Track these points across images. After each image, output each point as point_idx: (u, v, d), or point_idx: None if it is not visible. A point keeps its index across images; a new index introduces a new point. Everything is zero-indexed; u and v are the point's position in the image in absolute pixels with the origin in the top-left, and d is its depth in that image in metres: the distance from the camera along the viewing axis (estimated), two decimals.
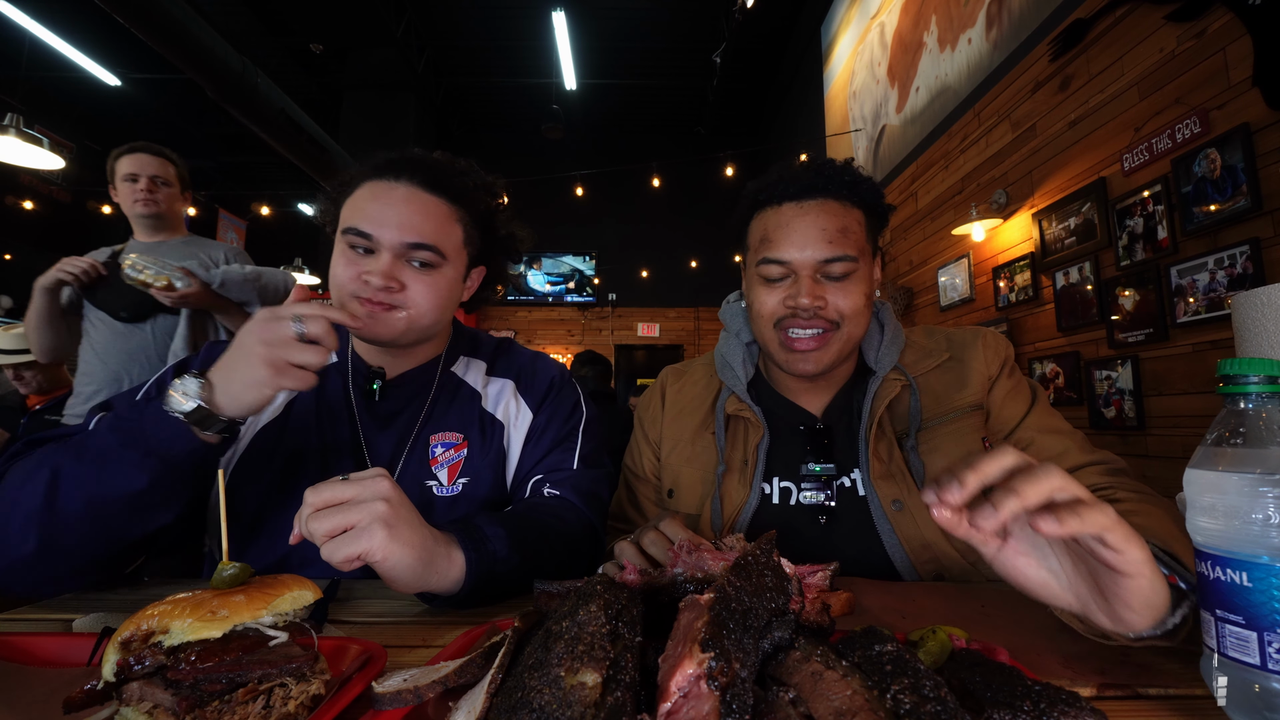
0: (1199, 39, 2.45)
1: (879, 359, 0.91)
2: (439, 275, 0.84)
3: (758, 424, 0.92)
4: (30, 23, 5.69)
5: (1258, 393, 0.41)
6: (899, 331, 0.95)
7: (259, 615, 0.42)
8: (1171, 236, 2.57)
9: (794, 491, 0.90)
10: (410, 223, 0.81)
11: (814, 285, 0.84)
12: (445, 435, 0.89)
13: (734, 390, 0.96)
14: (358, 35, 7.75)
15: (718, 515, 0.90)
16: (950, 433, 0.87)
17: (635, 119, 10.01)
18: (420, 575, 0.57)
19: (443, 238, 0.84)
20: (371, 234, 0.79)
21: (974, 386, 0.89)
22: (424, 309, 0.83)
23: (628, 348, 9.73)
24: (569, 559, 0.76)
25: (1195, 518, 0.43)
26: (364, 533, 0.53)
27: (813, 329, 0.85)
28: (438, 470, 0.87)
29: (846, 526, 0.87)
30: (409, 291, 0.81)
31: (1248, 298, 0.79)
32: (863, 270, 0.86)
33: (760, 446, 0.91)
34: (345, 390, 0.89)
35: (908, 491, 0.85)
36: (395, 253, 0.80)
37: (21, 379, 2.74)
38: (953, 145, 4.33)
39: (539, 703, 0.31)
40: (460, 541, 0.63)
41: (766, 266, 0.86)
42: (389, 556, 0.54)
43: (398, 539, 0.54)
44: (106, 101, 8.11)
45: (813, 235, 0.83)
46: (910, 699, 0.32)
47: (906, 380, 0.90)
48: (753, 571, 0.41)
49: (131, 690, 0.38)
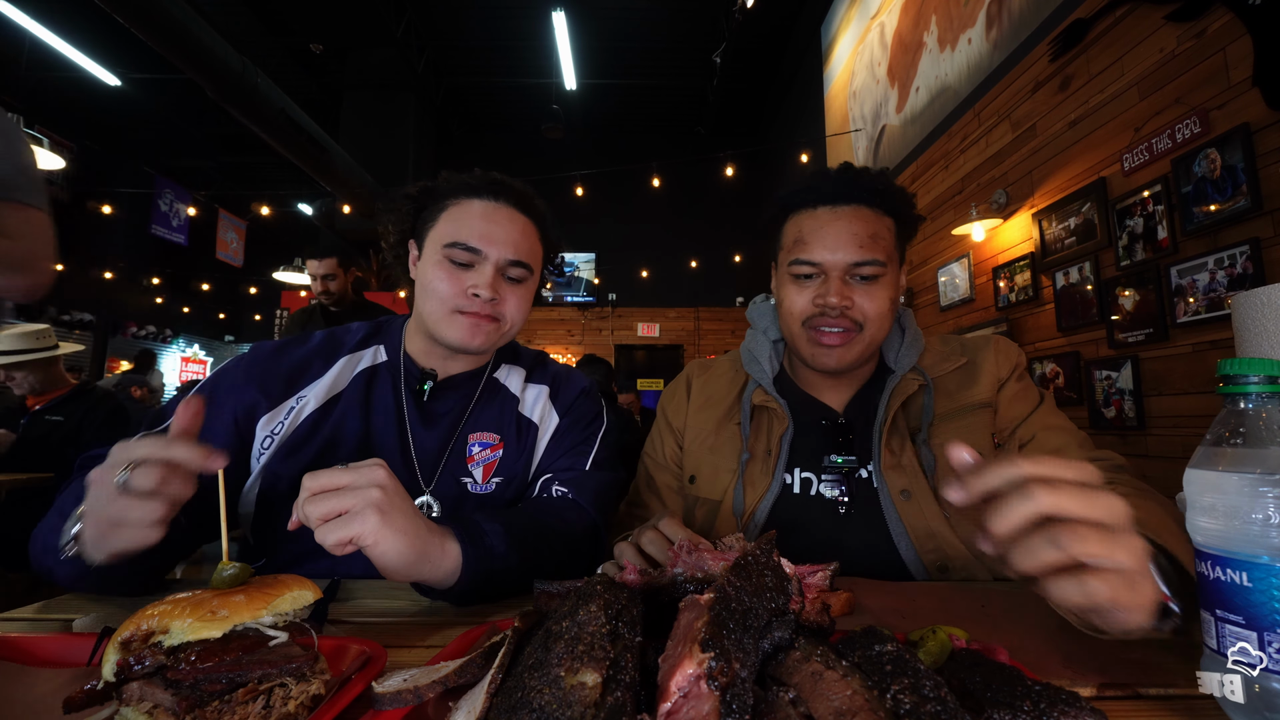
0: (1199, 39, 2.45)
1: (899, 359, 0.95)
2: (526, 289, 0.92)
3: (782, 415, 0.96)
4: (30, 23, 5.69)
5: (1258, 393, 0.41)
6: (919, 336, 0.98)
7: (259, 615, 0.42)
8: (1171, 236, 2.57)
9: (814, 482, 0.93)
10: (514, 241, 0.88)
11: (843, 286, 0.88)
12: (483, 435, 0.93)
13: (760, 383, 1.00)
14: (358, 35, 7.75)
15: (740, 502, 0.93)
16: (960, 427, 0.90)
17: (635, 119, 10.01)
18: (412, 563, 0.58)
19: (533, 256, 0.92)
20: (481, 249, 0.86)
21: (984, 385, 0.92)
22: (516, 320, 0.91)
23: (627, 348, 9.73)
24: (569, 558, 0.76)
25: (1195, 518, 0.43)
26: (357, 517, 0.54)
27: (838, 328, 0.89)
28: (473, 468, 0.91)
29: (859, 517, 0.90)
30: (506, 304, 0.88)
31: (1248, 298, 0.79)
32: (889, 276, 0.90)
33: (784, 437, 0.95)
34: (395, 389, 0.92)
35: (916, 482, 0.87)
36: (498, 268, 0.87)
37: (13, 379, 2.73)
38: (953, 145, 4.33)
39: (539, 703, 0.31)
40: (457, 534, 0.63)
41: (799, 266, 0.91)
42: (380, 541, 0.54)
43: (390, 525, 0.55)
44: (106, 101, 8.10)
45: (845, 239, 0.87)
46: (910, 699, 0.32)
47: (924, 380, 0.93)
48: (753, 571, 0.41)
49: (131, 690, 0.38)
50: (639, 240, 9.68)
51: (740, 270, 9.54)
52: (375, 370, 0.93)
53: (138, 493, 0.54)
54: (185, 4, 4.22)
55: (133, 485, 0.54)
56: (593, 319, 9.78)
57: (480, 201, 0.89)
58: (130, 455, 0.55)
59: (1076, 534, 0.41)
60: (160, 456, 0.54)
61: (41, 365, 2.75)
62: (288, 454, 0.84)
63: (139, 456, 0.54)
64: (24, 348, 2.70)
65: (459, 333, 0.86)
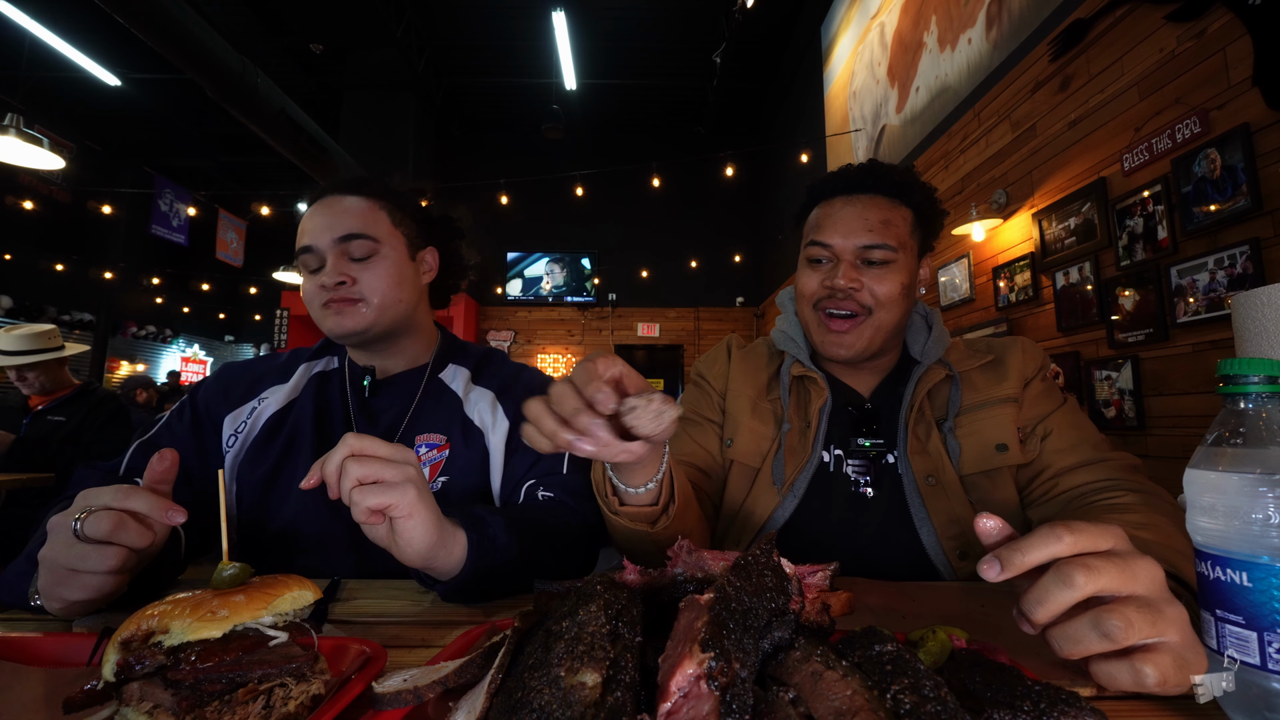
0: (1199, 39, 2.45)
1: (925, 352, 0.97)
2: (381, 260, 0.92)
3: (821, 386, 0.96)
4: (30, 23, 5.69)
5: (1258, 393, 0.41)
6: (945, 334, 0.99)
7: (259, 615, 0.42)
8: (1171, 236, 2.57)
9: (843, 461, 0.95)
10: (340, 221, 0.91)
11: (851, 269, 0.90)
12: (429, 436, 0.94)
13: (798, 358, 1.00)
14: (358, 35, 7.75)
15: (779, 471, 0.93)
16: (986, 418, 0.91)
17: (635, 119, 10.01)
18: (432, 545, 0.58)
19: (373, 226, 0.93)
20: (313, 245, 0.90)
21: (1012, 381, 0.93)
22: (382, 291, 0.91)
23: (627, 348, 9.73)
24: (567, 554, 0.76)
25: (1195, 518, 0.43)
26: (396, 488, 0.54)
27: (845, 311, 0.91)
28: None
29: (883, 502, 0.91)
30: (361, 282, 0.90)
31: (1248, 298, 0.79)
32: (901, 262, 0.91)
33: (823, 411, 0.95)
34: (343, 391, 0.97)
35: (942, 469, 0.89)
36: (336, 252, 0.90)
37: (24, 380, 2.74)
38: (953, 145, 4.33)
39: (539, 703, 0.31)
40: (462, 523, 0.64)
41: (812, 249, 0.94)
42: (414, 514, 0.55)
43: (424, 501, 0.56)
44: (106, 101, 8.11)
45: (856, 224, 0.90)
46: (910, 699, 0.32)
47: (950, 372, 0.94)
48: (753, 571, 0.41)
49: (131, 690, 0.38)
50: (639, 240, 9.68)
51: (740, 270, 9.55)
52: (327, 375, 0.99)
53: (92, 539, 0.52)
54: (185, 4, 4.22)
55: (86, 531, 0.52)
56: (593, 319, 9.79)
57: (315, 206, 0.94)
58: (89, 503, 0.54)
59: (1123, 619, 0.39)
60: (120, 506, 0.54)
61: (49, 366, 2.76)
62: (252, 458, 0.91)
63: (98, 505, 0.54)
64: (33, 348, 2.71)
65: (330, 323, 0.90)
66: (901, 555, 0.88)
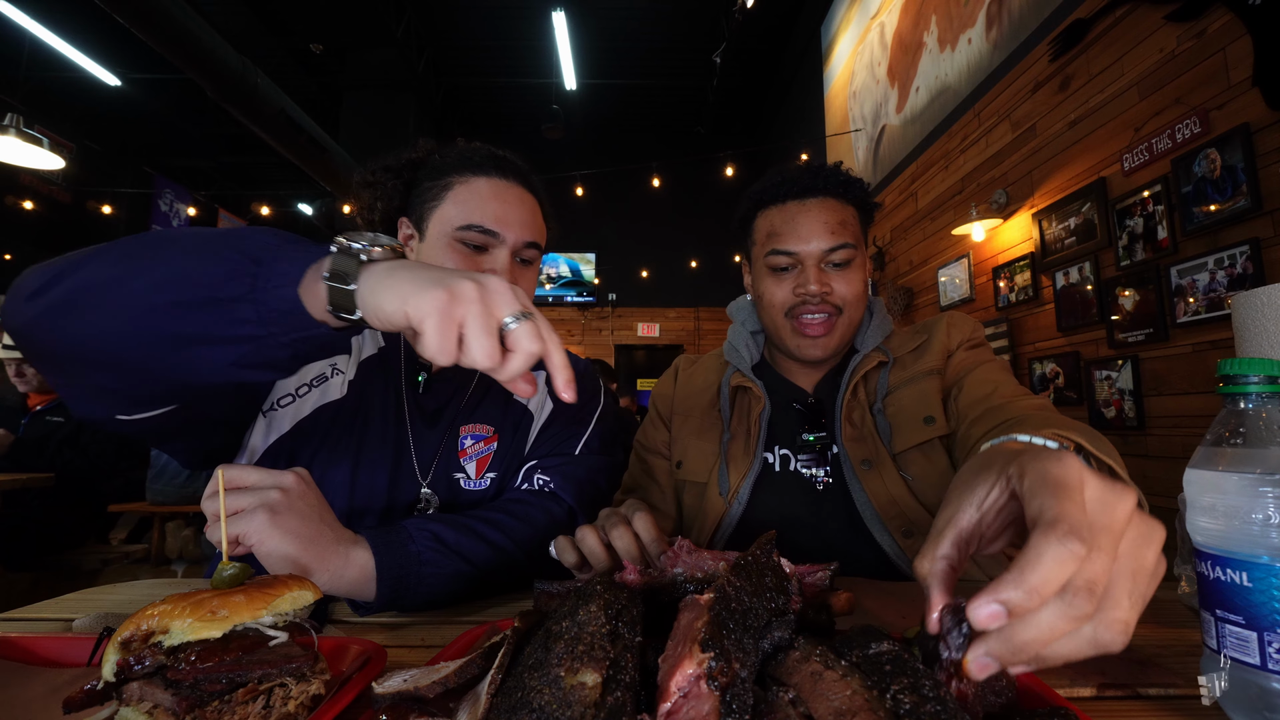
0: (1199, 39, 2.45)
1: (864, 340, 1.00)
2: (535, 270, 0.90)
3: (759, 395, 1.00)
4: (30, 23, 5.69)
5: (1258, 393, 0.41)
6: (887, 320, 1.03)
7: (259, 615, 0.42)
8: (1171, 236, 2.57)
9: (791, 459, 0.97)
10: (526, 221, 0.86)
11: (820, 273, 0.93)
12: (476, 427, 0.89)
13: (739, 368, 1.05)
14: (358, 35, 7.74)
15: (724, 480, 0.96)
16: (910, 394, 0.93)
17: (635, 119, 10.00)
18: (301, 569, 0.56)
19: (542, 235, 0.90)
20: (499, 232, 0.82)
21: (934, 354, 0.95)
22: None
23: (627, 348, 9.73)
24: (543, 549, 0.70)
25: (1195, 518, 0.42)
26: (246, 517, 0.54)
27: (820, 314, 0.93)
28: (465, 463, 0.87)
29: (836, 491, 0.93)
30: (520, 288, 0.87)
31: (1248, 298, 0.79)
32: (860, 259, 0.96)
33: (762, 416, 0.99)
34: (399, 383, 0.89)
35: (876, 452, 0.91)
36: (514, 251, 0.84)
37: (22, 376, 2.73)
38: (953, 145, 4.33)
39: (539, 703, 0.31)
40: (371, 543, 0.61)
41: (775, 257, 0.95)
42: (265, 542, 0.54)
43: (279, 527, 0.54)
44: (106, 101, 8.10)
45: (817, 228, 0.92)
46: (910, 699, 0.32)
47: (885, 357, 0.97)
48: (753, 571, 0.41)
49: (131, 690, 0.38)
50: (639, 240, 9.67)
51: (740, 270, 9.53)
52: (382, 361, 0.89)
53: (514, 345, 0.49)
54: (185, 4, 4.22)
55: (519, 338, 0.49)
56: (593, 319, 9.78)
57: (487, 180, 0.85)
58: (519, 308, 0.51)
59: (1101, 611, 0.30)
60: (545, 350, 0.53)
61: None
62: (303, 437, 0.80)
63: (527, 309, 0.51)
64: None
65: None
66: (858, 545, 0.89)
